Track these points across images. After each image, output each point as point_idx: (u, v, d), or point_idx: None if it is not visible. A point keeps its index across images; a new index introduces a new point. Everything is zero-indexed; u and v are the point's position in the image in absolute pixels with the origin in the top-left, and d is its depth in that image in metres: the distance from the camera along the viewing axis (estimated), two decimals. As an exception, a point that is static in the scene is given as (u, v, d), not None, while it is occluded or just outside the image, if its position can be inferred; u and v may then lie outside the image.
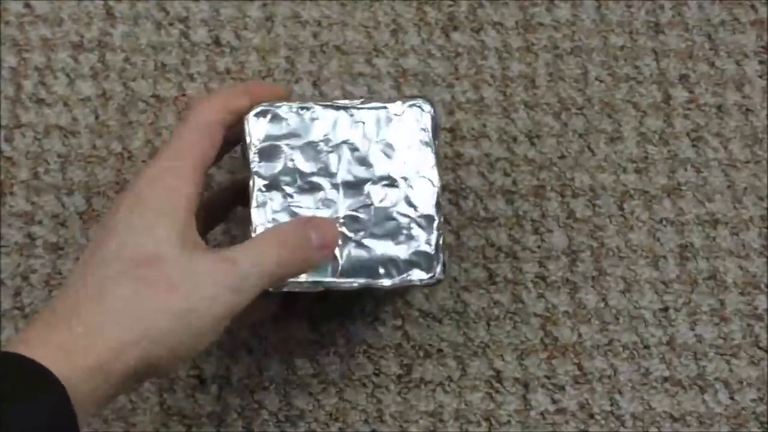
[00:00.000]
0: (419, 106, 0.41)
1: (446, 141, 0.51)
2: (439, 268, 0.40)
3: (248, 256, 0.36)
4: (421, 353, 0.48)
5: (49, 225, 0.49)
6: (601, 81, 0.52)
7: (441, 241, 0.40)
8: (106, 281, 0.34)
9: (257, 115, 0.41)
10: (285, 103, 0.41)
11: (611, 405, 0.47)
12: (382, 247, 0.40)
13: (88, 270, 0.35)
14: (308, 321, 0.48)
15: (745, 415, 0.47)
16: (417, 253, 0.40)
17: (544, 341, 0.48)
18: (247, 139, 0.41)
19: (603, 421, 0.47)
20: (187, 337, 0.34)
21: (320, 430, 0.46)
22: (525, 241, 0.49)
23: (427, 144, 0.41)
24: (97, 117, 0.51)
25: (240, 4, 0.53)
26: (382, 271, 0.40)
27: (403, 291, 0.47)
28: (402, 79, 0.52)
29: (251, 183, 0.41)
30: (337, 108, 0.41)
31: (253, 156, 0.41)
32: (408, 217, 0.40)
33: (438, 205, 0.41)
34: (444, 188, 0.50)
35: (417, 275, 0.40)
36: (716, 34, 0.53)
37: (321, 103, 0.41)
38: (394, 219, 0.40)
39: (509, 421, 0.46)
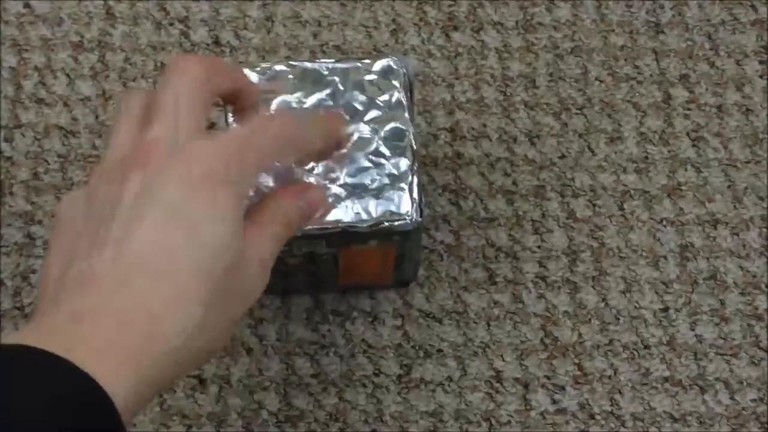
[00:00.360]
0: (391, 64, 0.42)
1: (446, 141, 0.51)
2: (414, 207, 0.40)
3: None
4: (421, 353, 0.47)
5: (49, 225, 0.49)
6: (601, 81, 0.52)
7: (415, 184, 0.41)
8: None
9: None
10: (260, 64, 0.42)
11: (611, 405, 0.47)
12: (358, 193, 0.40)
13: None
14: (308, 321, 0.48)
15: (745, 416, 0.47)
16: (391, 195, 0.40)
17: (544, 341, 0.48)
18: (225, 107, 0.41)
19: (603, 422, 0.46)
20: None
21: (320, 430, 0.46)
22: (525, 241, 0.49)
23: (399, 99, 0.42)
24: (97, 117, 0.51)
25: (240, 4, 0.53)
26: (356, 212, 0.40)
27: (384, 244, 0.46)
28: (402, 79, 0.52)
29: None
30: (311, 69, 0.42)
31: (230, 116, 0.41)
32: (382, 163, 0.41)
33: (412, 150, 0.41)
34: (444, 188, 0.50)
35: (392, 216, 0.40)
36: (716, 34, 0.53)
37: (294, 62, 0.42)
38: (368, 166, 0.41)
39: (509, 422, 0.46)
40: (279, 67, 0.42)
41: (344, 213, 0.40)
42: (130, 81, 0.52)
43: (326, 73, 0.42)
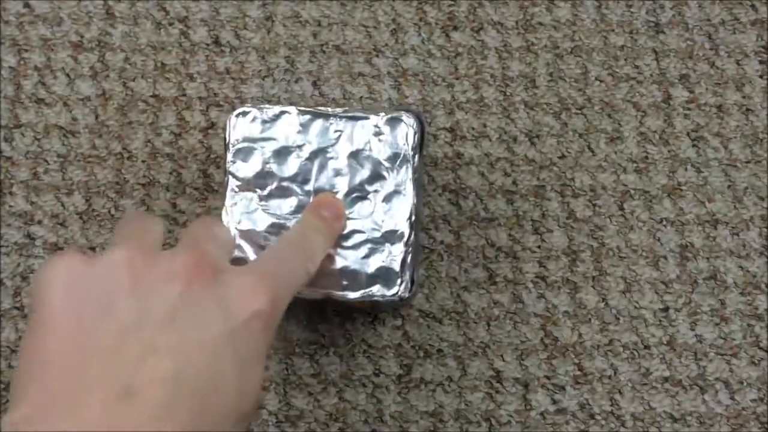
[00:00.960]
0: (401, 119, 0.41)
1: (446, 141, 0.51)
2: (402, 286, 0.39)
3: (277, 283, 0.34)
4: (421, 353, 0.47)
5: (49, 225, 0.49)
6: (601, 81, 0.52)
7: (410, 258, 0.40)
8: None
9: (239, 115, 0.41)
10: (268, 105, 0.41)
11: (611, 405, 0.47)
12: (349, 260, 0.40)
13: None
14: (308, 321, 0.48)
15: (745, 416, 0.47)
16: (381, 268, 0.39)
17: (544, 341, 0.48)
18: (226, 138, 0.41)
19: (603, 422, 0.46)
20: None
21: (320, 430, 0.46)
22: (525, 241, 0.49)
23: (405, 158, 0.40)
24: (96, 117, 0.51)
25: (240, 3, 0.53)
26: (345, 283, 0.39)
27: (373, 307, 0.47)
28: (402, 79, 0.52)
29: (225, 181, 0.41)
30: (318, 115, 0.41)
31: (230, 156, 0.41)
32: (378, 231, 0.40)
33: (411, 221, 0.40)
34: (444, 188, 0.50)
35: (379, 291, 0.39)
36: (716, 33, 0.53)
37: (303, 108, 0.41)
38: (363, 232, 0.40)
39: (509, 422, 0.46)
40: (284, 109, 0.41)
41: (333, 282, 0.39)
42: (130, 81, 0.52)
43: (332, 123, 0.41)
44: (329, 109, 0.41)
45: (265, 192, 0.41)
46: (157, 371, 0.27)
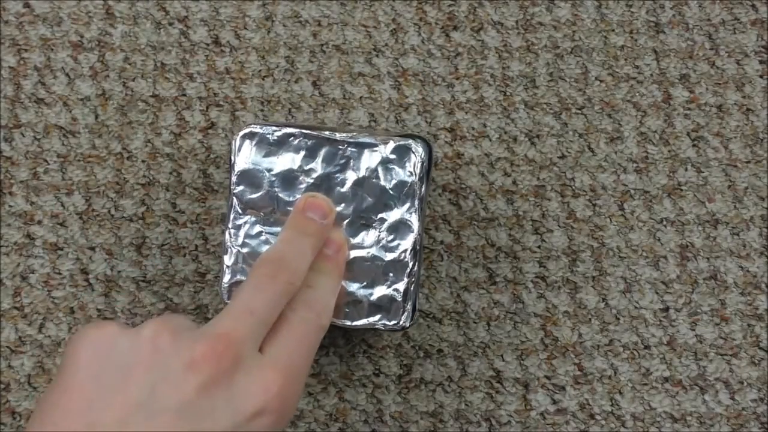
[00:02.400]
0: (409, 148, 0.40)
1: (446, 141, 0.51)
2: (404, 316, 0.39)
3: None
4: (421, 353, 0.47)
5: (49, 225, 0.49)
6: (601, 81, 0.52)
7: (413, 288, 0.39)
8: None
9: (245, 136, 0.40)
10: (274, 127, 0.40)
11: (612, 405, 0.47)
12: (351, 288, 0.39)
13: None
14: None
15: (745, 416, 0.47)
16: (383, 298, 0.39)
17: (544, 341, 0.48)
18: (231, 159, 0.40)
19: (603, 422, 0.46)
20: None
21: (320, 430, 0.46)
22: (525, 241, 0.49)
23: (412, 187, 0.40)
24: (96, 117, 0.51)
25: (240, 3, 0.53)
26: (347, 310, 0.39)
27: (372, 331, 0.47)
28: (402, 79, 0.52)
29: (229, 203, 0.40)
30: (326, 141, 0.40)
31: (234, 177, 0.40)
32: (381, 260, 0.39)
33: (414, 252, 0.39)
34: (444, 188, 0.50)
35: (381, 321, 0.39)
36: (717, 33, 0.53)
37: (310, 132, 0.40)
38: (366, 261, 0.39)
39: (509, 421, 0.46)
40: (290, 131, 0.40)
41: (336, 310, 0.39)
42: (129, 81, 0.52)
43: (339, 149, 0.40)
44: (336, 135, 0.40)
45: (269, 215, 0.40)
46: None
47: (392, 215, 0.40)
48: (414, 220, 0.40)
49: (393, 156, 0.40)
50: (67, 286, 0.48)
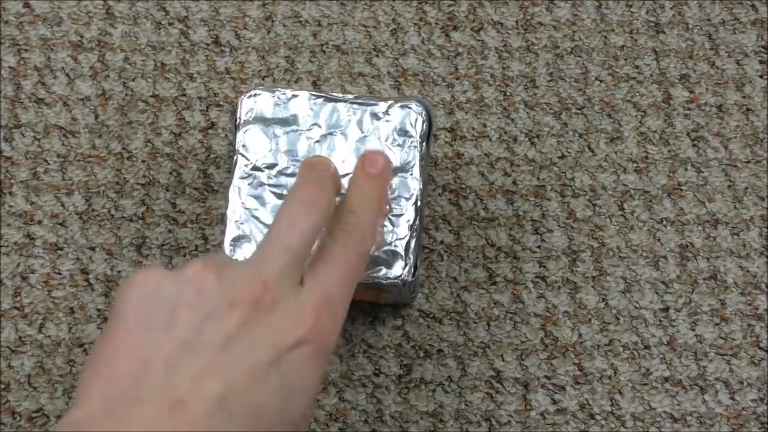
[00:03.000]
0: (409, 107, 0.41)
1: (446, 141, 0.51)
2: (406, 270, 0.40)
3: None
4: (421, 353, 0.47)
5: (49, 225, 0.49)
6: (601, 81, 0.52)
7: (414, 243, 0.40)
8: None
9: (250, 96, 0.42)
10: (279, 89, 0.42)
11: (611, 405, 0.47)
12: None
13: None
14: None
15: (745, 416, 0.47)
16: (386, 251, 0.40)
17: (544, 341, 0.48)
18: (237, 118, 0.41)
19: (603, 422, 0.46)
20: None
21: (320, 430, 0.46)
22: (525, 241, 0.49)
23: (413, 145, 0.41)
24: (96, 117, 0.51)
25: (240, 3, 0.53)
26: None
27: (375, 299, 0.47)
28: (402, 79, 0.52)
29: (234, 161, 0.41)
30: (329, 100, 0.42)
31: (239, 136, 0.41)
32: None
33: (416, 206, 0.40)
34: (444, 188, 0.50)
35: (383, 273, 0.40)
36: (717, 33, 0.53)
37: (314, 93, 0.42)
38: None
39: (509, 422, 0.46)
40: (295, 93, 0.42)
41: None
42: (130, 81, 0.52)
43: (343, 108, 0.41)
44: (340, 95, 0.42)
45: (273, 171, 0.41)
46: (206, 390, 0.30)
47: (395, 170, 0.41)
48: (416, 172, 0.41)
49: (395, 113, 0.41)
50: (67, 286, 0.48)
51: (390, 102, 0.42)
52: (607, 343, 0.48)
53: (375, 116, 0.42)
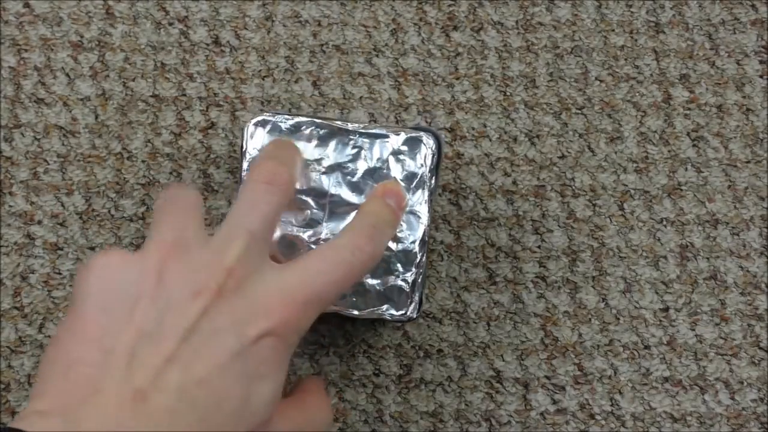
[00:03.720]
0: (420, 140, 0.40)
1: (446, 141, 0.51)
2: (412, 307, 0.39)
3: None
4: (421, 353, 0.47)
5: (49, 225, 0.49)
6: (601, 81, 0.52)
7: (420, 279, 0.39)
8: None
9: (257, 124, 0.41)
10: (287, 115, 0.41)
11: (611, 405, 0.47)
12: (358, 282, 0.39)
13: None
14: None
15: (745, 416, 0.47)
16: (392, 288, 0.39)
17: (544, 341, 0.48)
18: (243, 146, 0.40)
19: (603, 422, 0.46)
20: None
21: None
22: (525, 241, 0.49)
23: (422, 178, 0.40)
24: (96, 117, 0.51)
25: (240, 3, 0.53)
26: (354, 300, 0.39)
27: (379, 320, 0.47)
28: (402, 79, 0.52)
29: (240, 191, 0.40)
30: (338, 130, 0.40)
31: (245, 164, 0.40)
32: (389, 250, 0.39)
33: (423, 243, 0.39)
34: (444, 188, 0.50)
35: (388, 311, 0.39)
36: (717, 33, 0.53)
37: (323, 121, 0.40)
38: None
39: (509, 422, 0.46)
40: (303, 120, 0.40)
41: (343, 298, 0.39)
42: (130, 81, 0.52)
43: (351, 139, 0.40)
44: (348, 125, 0.40)
45: None
46: (168, 381, 0.30)
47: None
48: (423, 212, 0.40)
49: (404, 147, 0.40)
50: (67, 286, 0.48)
51: (401, 134, 0.40)
52: (607, 343, 0.48)
53: (386, 149, 0.40)
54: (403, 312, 0.39)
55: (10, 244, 0.49)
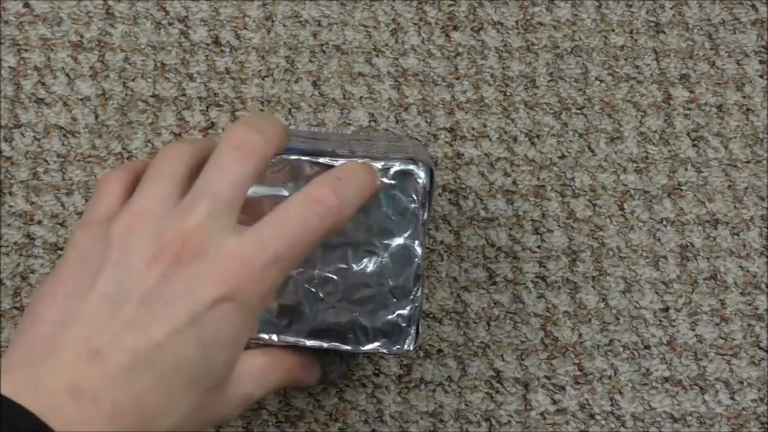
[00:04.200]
0: (411, 173, 0.39)
1: (446, 141, 0.51)
2: (408, 340, 0.39)
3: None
4: (421, 353, 0.47)
5: (49, 225, 0.49)
6: (601, 81, 0.52)
7: (416, 314, 0.39)
8: None
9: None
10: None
11: (611, 405, 0.47)
12: (354, 313, 0.39)
13: None
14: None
15: (745, 416, 0.47)
16: (388, 323, 0.39)
17: (544, 341, 0.48)
18: None
19: (603, 422, 0.46)
20: None
21: (320, 430, 0.46)
22: (525, 241, 0.49)
23: (414, 213, 0.39)
24: (96, 117, 0.51)
25: (240, 3, 0.53)
26: (350, 336, 0.39)
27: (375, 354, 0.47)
28: (402, 79, 0.52)
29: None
30: (326, 167, 0.39)
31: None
32: (384, 285, 0.39)
33: (417, 277, 0.39)
34: (444, 188, 0.50)
35: (385, 346, 0.39)
36: (717, 33, 0.53)
37: (310, 160, 0.39)
38: (369, 286, 0.39)
39: (509, 422, 0.46)
40: (293, 158, 0.39)
41: (339, 335, 0.39)
42: (129, 81, 0.52)
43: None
44: (337, 160, 0.39)
45: None
46: (125, 343, 0.31)
47: (394, 241, 0.39)
48: (416, 247, 0.39)
49: (394, 182, 0.39)
50: (67, 286, 0.48)
51: (391, 169, 0.39)
52: (607, 343, 0.48)
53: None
54: (400, 346, 0.39)
55: (10, 244, 0.49)
